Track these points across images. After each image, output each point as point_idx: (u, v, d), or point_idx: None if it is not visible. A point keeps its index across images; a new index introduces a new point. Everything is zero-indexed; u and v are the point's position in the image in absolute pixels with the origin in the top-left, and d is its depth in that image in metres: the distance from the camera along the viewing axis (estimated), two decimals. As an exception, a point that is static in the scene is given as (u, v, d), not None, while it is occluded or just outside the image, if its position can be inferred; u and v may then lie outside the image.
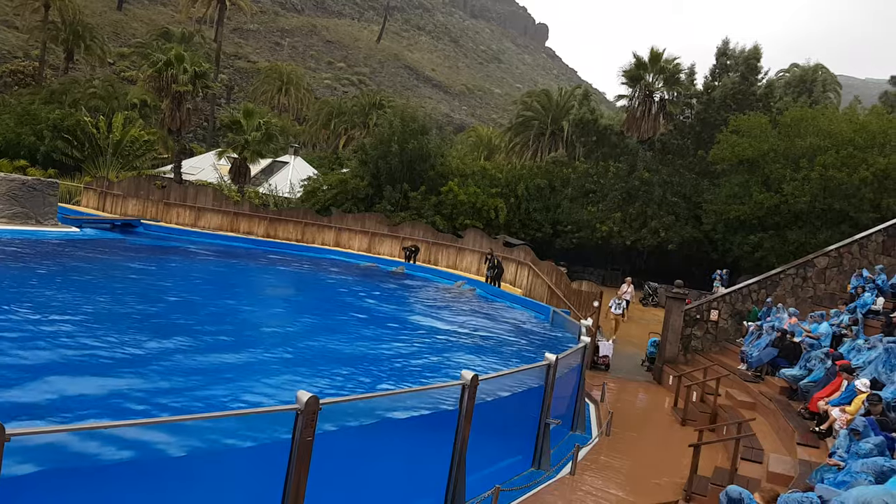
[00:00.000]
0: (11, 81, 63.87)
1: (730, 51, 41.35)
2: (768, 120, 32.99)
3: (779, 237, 30.62)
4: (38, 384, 9.98)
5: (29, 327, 13.00)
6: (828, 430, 10.41)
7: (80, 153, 45.47)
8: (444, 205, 36.87)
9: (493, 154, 56.78)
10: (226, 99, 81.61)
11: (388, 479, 7.23)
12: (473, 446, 7.94)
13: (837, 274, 19.27)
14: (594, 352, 18.11)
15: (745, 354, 16.05)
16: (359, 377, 13.02)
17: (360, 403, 7.92)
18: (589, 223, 36.70)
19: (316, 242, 36.12)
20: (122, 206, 37.18)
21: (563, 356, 10.72)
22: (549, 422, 10.20)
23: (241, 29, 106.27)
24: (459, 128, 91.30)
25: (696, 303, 19.83)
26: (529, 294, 28.49)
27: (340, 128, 60.37)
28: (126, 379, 10.89)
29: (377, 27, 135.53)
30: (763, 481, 9.28)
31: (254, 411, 5.74)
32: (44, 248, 24.17)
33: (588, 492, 9.34)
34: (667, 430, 13.74)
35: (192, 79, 41.13)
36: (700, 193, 35.63)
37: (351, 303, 22.22)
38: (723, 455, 11.28)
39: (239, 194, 40.54)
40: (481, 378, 7.91)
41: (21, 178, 28.70)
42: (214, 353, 13.30)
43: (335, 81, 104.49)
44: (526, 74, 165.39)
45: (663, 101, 40.38)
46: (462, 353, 16.81)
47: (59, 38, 59.50)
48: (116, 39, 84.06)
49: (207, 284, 22.79)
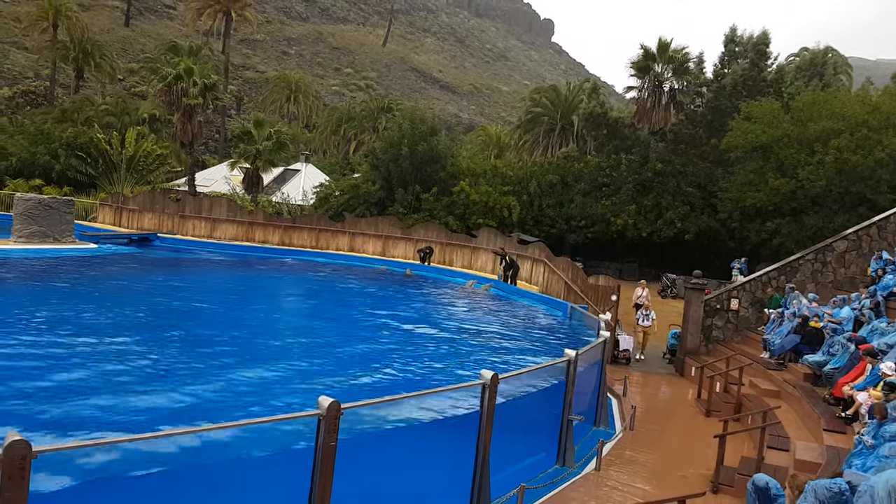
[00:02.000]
0: (24, 102, 64.57)
1: (738, 38, 40.99)
2: (780, 105, 32.68)
3: (796, 223, 30.34)
4: (64, 400, 10.08)
5: (53, 345, 13.13)
6: (854, 416, 10.29)
7: (95, 170, 45.90)
8: (456, 205, 36.85)
9: (503, 152, 56.68)
10: (236, 110, 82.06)
11: (411, 480, 7.23)
12: (496, 445, 7.92)
13: (857, 257, 19.05)
14: (614, 346, 18.02)
15: (767, 342, 15.92)
16: (378, 380, 13.03)
17: (381, 406, 7.93)
18: (603, 217, 36.55)
19: (330, 248, 36.24)
20: (138, 220, 37.50)
21: (583, 351, 10.68)
22: (571, 418, 10.16)
23: (247, 40, 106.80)
24: (469, 127, 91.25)
25: (716, 292, 19.68)
26: (546, 291, 28.41)
27: (350, 133, 60.57)
28: (150, 391, 10.96)
29: (382, 31, 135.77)
30: (790, 469, 9.20)
31: (276, 418, 5.76)
32: (62, 266, 24.40)
33: (614, 487, 9.29)
34: (691, 421, 13.64)
35: (201, 91, 41.42)
36: (715, 182, 35.38)
37: (366, 306, 22.27)
38: (749, 445, 11.18)
39: (253, 204, 40.75)
40: (501, 377, 7.89)
41: (37, 197, 29.01)
42: (234, 361, 13.36)
43: (343, 87, 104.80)
44: (533, 71, 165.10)
45: (673, 91, 40.13)
46: (481, 352, 16.80)
47: (68, 56, 60.08)
48: (125, 55, 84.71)
49: (225, 294, 22.92)
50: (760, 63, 38.67)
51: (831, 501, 4.37)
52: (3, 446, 3.96)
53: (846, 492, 4.39)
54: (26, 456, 4.01)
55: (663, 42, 39.78)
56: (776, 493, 4.63)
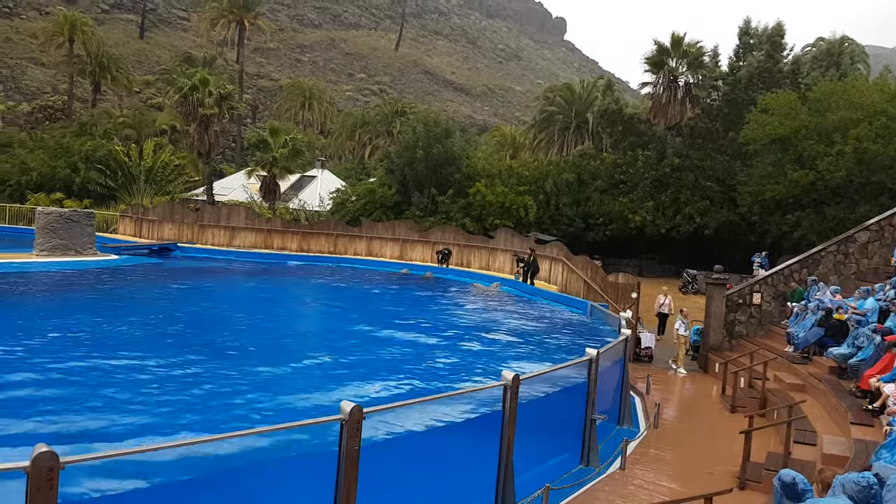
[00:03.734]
0: (42, 117, 65.47)
1: (752, 30, 40.68)
2: (797, 96, 32.34)
3: (817, 215, 30.02)
4: (91, 411, 10.19)
5: (79, 356, 13.28)
6: (881, 408, 10.16)
7: (114, 182, 46.37)
8: (472, 206, 36.83)
9: (518, 152, 56.59)
10: (251, 118, 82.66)
11: (436, 483, 7.23)
12: (520, 446, 7.90)
13: (880, 248, 18.80)
14: (636, 344, 17.91)
15: (790, 336, 15.75)
16: (399, 383, 13.05)
17: (403, 410, 7.94)
18: (621, 214, 36.36)
19: (348, 253, 36.36)
20: (158, 230, 37.84)
21: (605, 350, 10.62)
22: (594, 417, 10.11)
23: (261, 48, 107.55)
24: (483, 128, 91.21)
25: (738, 287, 19.50)
26: (565, 290, 28.30)
27: (365, 138, 60.80)
28: (176, 399, 11.06)
29: (394, 35, 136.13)
30: (818, 463, 9.10)
31: (298, 424, 5.78)
32: (84, 278, 24.67)
33: (640, 486, 9.23)
34: (716, 418, 13.52)
35: (217, 101, 41.75)
36: (733, 176, 35.08)
37: (385, 310, 22.32)
38: (775, 440, 11.07)
39: (270, 211, 41.00)
40: (522, 378, 7.87)
41: (58, 210, 29.36)
42: (257, 367, 13.45)
43: (357, 92, 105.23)
44: (546, 70, 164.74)
45: (688, 86, 39.91)
46: (502, 353, 16.78)
47: (85, 70, 60.79)
48: (141, 68, 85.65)
49: (246, 301, 23.08)
50: (776, 54, 38.35)
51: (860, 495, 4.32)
52: (31, 457, 4.01)
53: (874, 485, 4.33)
54: (54, 467, 4.05)
55: (677, 37, 39.57)
56: (804, 487, 4.59)
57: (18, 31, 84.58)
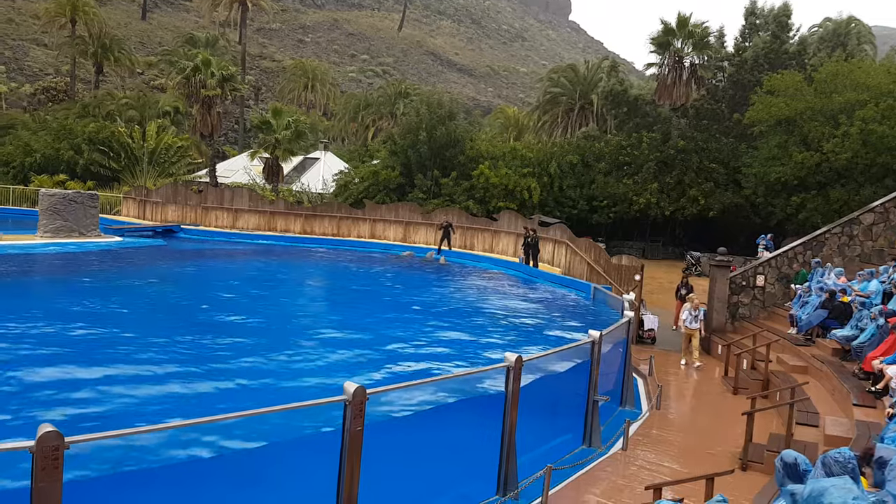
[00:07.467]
0: (45, 98, 65.18)
1: (758, 10, 40.35)
2: (803, 77, 32.10)
3: (822, 196, 29.89)
4: (95, 391, 10.25)
5: (84, 337, 13.34)
6: (884, 390, 10.18)
7: (118, 164, 46.30)
8: (476, 189, 36.74)
9: (522, 134, 56.34)
10: (254, 100, 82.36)
11: (439, 464, 7.27)
12: (522, 427, 7.93)
13: (885, 230, 18.75)
14: (639, 326, 17.92)
15: (794, 318, 15.75)
16: (403, 365, 13.09)
17: (406, 391, 7.97)
18: (625, 196, 36.23)
19: (351, 235, 36.35)
20: (162, 212, 37.86)
21: (607, 332, 10.64)
22: (597, 399, 10.14)
23: (264, 29, 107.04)
24: (487, 110, 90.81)
25: (742, 269, 19.48)
26: (569, 272, 28.28)
27: (368, 120, 60.55)
28: (180, 380, 11.12)
29: (398, 16, 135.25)
30: (820, 445, 9.13)
31: (302, 405, 5.81)
32: (88, 259, 24.73)
33: (642, 466, 9.28)
34: (718, 399, 13.56)
35: (219, 82, 41.64)
36: (738, 157, 34.91)
37: (387, 292, 22.35)
38: (777, 421, 11.10)
39: (273, 193, 40.96)
40: (525, 359, 7.89)
41: (62, 192, 29.37)
42: (265, 348, 13.49)
43: (360, 74, 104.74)
44: (551, 50, 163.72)
45: (694, 66, 39.62)
46: (505, 334, 16.80)
47: (87, 52, 60.45)
48: (143, 49, 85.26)
49: (249, 283, 23.10)
50: (782, 35, 38.04)
51: (837, 467, 4.41)
52: (37, 437, 4.03)
53: (852, 460, 4.43)
54: (59, 446, 4.09)
55: (682, 17, 39.23)
56: (805, 468, 4.60)
57: (20, 13, 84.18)
